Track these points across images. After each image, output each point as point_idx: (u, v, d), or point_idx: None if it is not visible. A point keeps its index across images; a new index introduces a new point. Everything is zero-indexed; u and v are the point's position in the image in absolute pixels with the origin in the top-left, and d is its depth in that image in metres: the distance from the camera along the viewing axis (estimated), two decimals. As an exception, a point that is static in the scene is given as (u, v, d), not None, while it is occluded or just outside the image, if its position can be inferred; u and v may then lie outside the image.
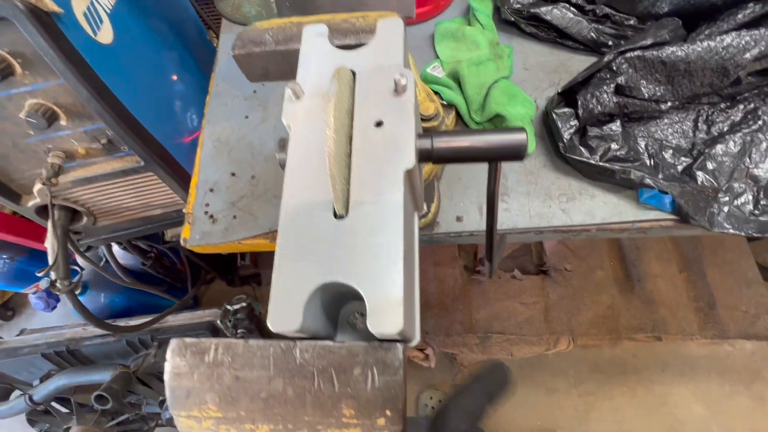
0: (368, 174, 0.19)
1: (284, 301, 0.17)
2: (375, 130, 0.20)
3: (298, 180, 0.19)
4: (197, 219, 0.58)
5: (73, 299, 0.74)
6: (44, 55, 0.51)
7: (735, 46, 0.48)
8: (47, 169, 0.62)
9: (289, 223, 0.19)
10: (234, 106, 0.66)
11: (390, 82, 0.20)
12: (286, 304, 0.17)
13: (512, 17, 0.62)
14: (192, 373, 0.19)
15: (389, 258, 0.17)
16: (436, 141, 0.20)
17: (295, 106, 0.21)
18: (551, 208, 0.53)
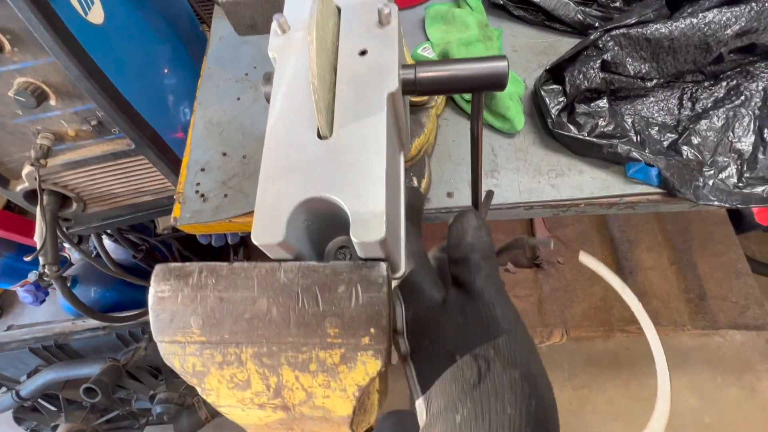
0: (352, 98, 0.19)
1: (267, 214, 0.17)
2: (359, 58, 0.20)
3: (283, 108, 0.20)
4: (188, 198, 0.58)
5: (62, 286, 0.73)
6: (34, 31, 0.50)
7: (716, 22, 0.50)
8: (36, 150, 0.62)
9: (273, 145, 0.19)
10: (225, 88, 0.66)
11: (374, 13, 0.21)
12: (270, 218, 0.17)
13: (501, 0, 0.63)
14: (176, 296, 0.19)
15: (372, 173, 0.18)
16: (419, 71, 0.20)
17: (281, 39, 0.21)
18: (540, 183, 0.54)
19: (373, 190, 0.17)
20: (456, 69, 0.20)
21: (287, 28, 0.21)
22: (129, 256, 1.21)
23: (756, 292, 1.33)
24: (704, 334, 1.33)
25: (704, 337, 1.37)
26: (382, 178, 0.17)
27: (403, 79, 0.20)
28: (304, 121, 0.19)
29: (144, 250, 1.15)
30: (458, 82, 0.20)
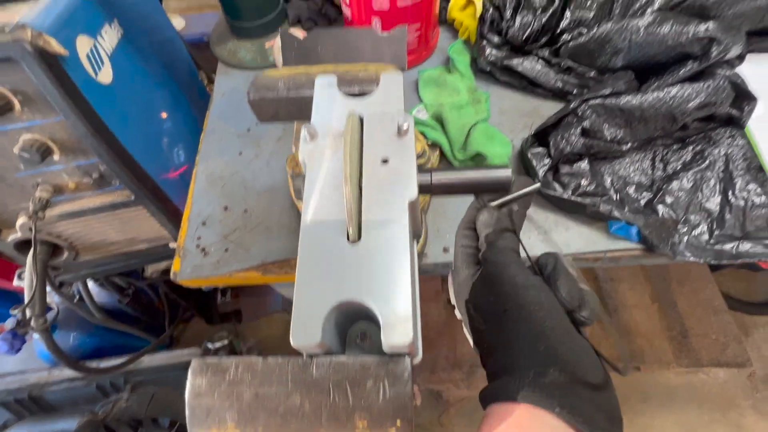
0: (377, 204, 0.21)
1: (305, 318, 0.19)
2: (381, 166, 0.23)
3: (315, 209, 0.22)
4: (188, 252, 0.59)
5: (47, 338, 0.71)
6: (47, 94, 0.52)
7: (680, 96, 0.56)
8: (35, 203, 0.62)
9: (307, 247, 0.21)
10: (228, 142, 0.69)
11: (393, 126, 0.24)
12: (307, 322, 0.19)
13: (488, 67, 0.69)
14: (213, 392, 0.20)
15: (398, 277, 0.20)
16: (434, 176, 0.23)
17: (310, 145, 0.24)
18: (530, 239, 0.57)
19: (401, 295, 0.19)
20: (467, 176, 0.23)
21: (315, 136, 0.24)
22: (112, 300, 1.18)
23: (734, 328, 1.37)
24: (689, 371, 1.36)
25: (689, 374, 1.39)
26: (407, 282, 0.20)
27: (420, 184, 0.23)
28: (334, 226, 0.21)
29: (130, 294, 1.12)
30: (468, 187, 0.23)
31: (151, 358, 1.05)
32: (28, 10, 0.54)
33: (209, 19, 1.25)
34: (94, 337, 1.17)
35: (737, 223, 0.55)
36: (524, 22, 0.66)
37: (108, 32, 0.66)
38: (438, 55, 0.76)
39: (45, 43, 0.51)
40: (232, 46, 0.78)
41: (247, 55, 0.76)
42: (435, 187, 0.23)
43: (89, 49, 0.60)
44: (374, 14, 0.64)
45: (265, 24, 0.76)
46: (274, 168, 0.65)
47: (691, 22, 0.57)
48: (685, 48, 0.57)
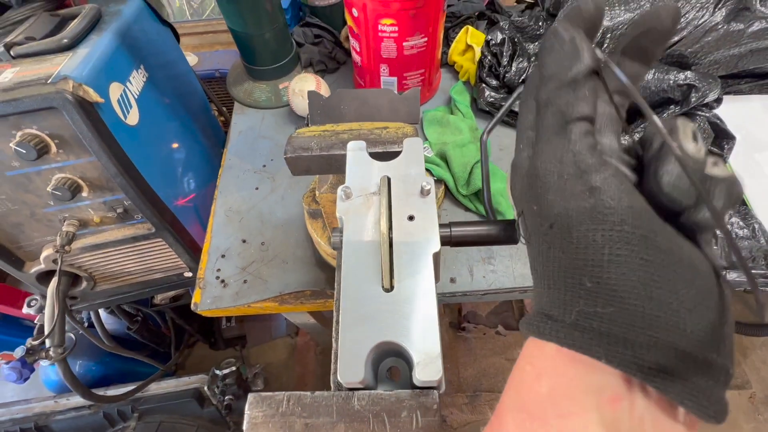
0: (406, 257, 0.25)
1: (350, 358, 0.23)
2: (408, 222, 0.27)
3: (353, 261, 0.26)
4: (208, 284, 0.62)
5: (64, 369, 0.72)
6: (83, 138, 0.57)
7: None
8: (62, 237, 0.65)
9: (347, 295, 0.24)
10: (245, 178, 0.73)
11: (417, 187, 0.28)
12: (352, 361, 0.23)
13: (487, 108, 0.75)
14: (267, 422, 0.23)
15: (428, 321, 0.23)
16: (453, 231, 0.27)
17: (346, 204, 0.28)
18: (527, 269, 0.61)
19: (431, 337, 0.23)
20: (481, 230, 0.27)
21: (351, 195, 0.28)
22: (120, 326, 1.20)
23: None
24: (689, 394, 1.37)
25: (690, 397, 1.40)
26: (436, 324, 0.23)
27: (442, 236, 0.27)
28: (370, 276, 0.25)
29: (139, 320, 1.14)
30: (482, 239, 0.27)
31: (158, 385, 1.06)
32: (68, 61, 0.59)
33: (220, 56, 1.33)
34: (100, 364, 1.18)
35: (723, 253, 0.59)
36: (520, 67, 0.72)
37: (135, 77, 0.71)
38: (440, 95, 0.82)
39: (84, 93, 0.56)
40: (248, 87, 0.83)
41: (262, 95, 0.82)
42: (454, 240, 0.27)
43: (120, 95, 0.65)
44: (382, 61, 0.70)
45: (279, 67, 0.81)
46: (288, 203, 0.69)
47: (672, 71, 0.63)
48: (668, 93, 0.63)
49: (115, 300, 0.85)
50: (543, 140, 0.19)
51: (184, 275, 0.83)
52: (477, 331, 1.44)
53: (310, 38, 0.85)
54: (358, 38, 0.69)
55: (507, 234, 0.26)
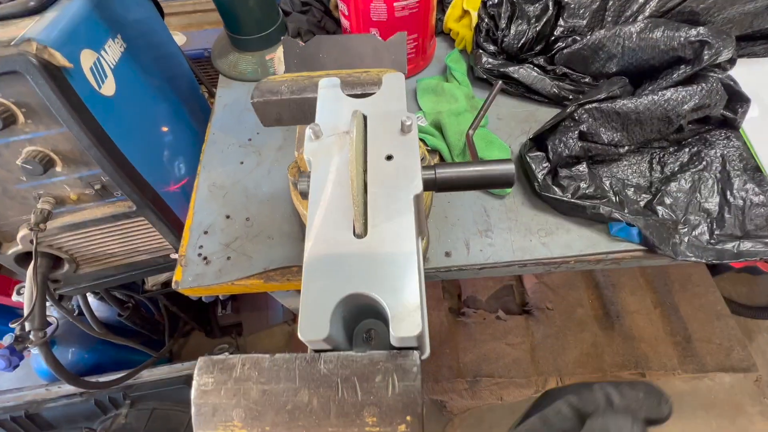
0: (383, 199, 0.22)
1: (313, 311, 0.19)
2: (386, 163, 0.23)
3: (321, 206, 0.22)
4: (190, 261, 0.58)
5: (45, 352, 0.70)
6: (51, 105, 0.53)
7: (675, 99, 0.57)
8: (36, 214, 0.62)
9: (314, 243, 0.21)
10: (229, 153, 0.69)
11: (397, 123, 0.24)
12: (315, 315, 0.19)
13: (484, 75, 0.70)
14: (219, 389, 0.20)
15: (405, 270, 0.20)
16: (438, 172, 0.23)
17: (315, 144, 0.24)
18: (532, 242, 0.57)
19: (409, 286, 0.19)
20: (471, 171, 0.23)
21: (320, 135, 0.24)
22: (112, 314, 1.17)
23: (737, 333, 1.37)
24: (694, 377, 1.34)
25: (695, 380, 1.38)
26: (414, 274, 0.20)
27: (425, 179, 0.23)
28: (341, 222, 0.21)
29: (130, 307, 1.11)
30: (473, 182, 0.23)
31: (151, 372, 1.03)
32: (34, 24, 0.55)
33: (210, 35, 1.28)
34: (93, 352, 1.16)
35: (737, 222, 0.55)
36: (519, 31, 0.68)
37: (111, 46, 0.67)
38: (435, 64, 0.78)
39: (50, 56, 0.52)
40: (233, 59, 0.79)
41: (248, 67, 0.77)
42: (440, 182, 0.23)
43: (93, 63, 0.61)
44: (372, 25, 0.65)
45: (265, 37, 0.77)
46: (275, 176, 0.66)
47: (682, 27, 0.58)
48: (678, 52, 0.58)
49: (101, 284, 0.83)
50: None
51: (170, 257, 0.80)
52: (477, 315, 1.41)
53: (298, 6, 0.81)
54: (346, 0, 0.65)
55: (502, 173, 0.22)
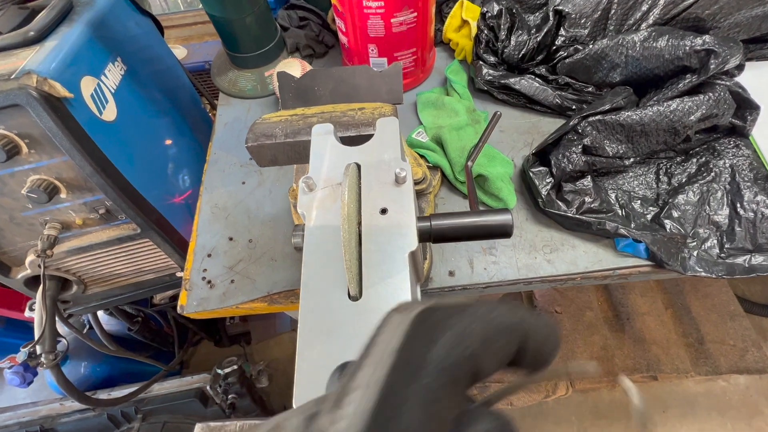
0: (377, 258, 0.21)
1: (308, 381, 0.19)
2: (381, 216, 0.23)
3: (315, 264, 0.22)
4: (194, 285, 0.59)
5: (57, 374, 0.71)
6: (53, 136, 0.53)
7: (680, 110, 0.55)
8: (43, 241, 0.63)
9: (308, 306, 0.21)
10: (231, 172, 0.70)
11: (391, 174, 0.24)
12: (310, 384, 0.19)
13: (485, 87, 0.70)
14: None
15: (401, 335, 0.20)
16: (434, 223, 0.23)
17: (309, 196, 0.24)
18: (537, 259, 0.56)
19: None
20: (466, 223, 0.23)
21: (314, 187, 0.24)
22: (122, 327, 1.19)
23: (752, 333, 1.34)
24: (708, 379, 1.32)
25: (708, 382, 1.36)
26: (410, 339, 0.19)
27: (420, 229, 0.23)
28: (335, 282, 0.21)
29: (140, 321, 1.12)
30: (468, 233, 0.23)
31: (161, 385, 1.05)
32: (34, 55, 0.56)
33: (211, 47, 1.29)
34: (104, 365, 1.18)
35: (748, 235, 0.54)
36: (519, 41, 0.67)
37: (112, 71, 0.67)
38: (435, 76, 0.77)
39: (50, 88, 0.52)
40: (233, 76, 0.79)
41: (248, 84, 0.77)
42: (435, 234, 0.23)
43: (93, 89, 0.62)
44: (370, 41, 0.65)
45: (264, 53, 0.77)
46: (276, 196, 0.66)
47: (687, 36, 0.57)
48: (683, 61, 0.57)
49: (110, 302, 0.84)
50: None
51: (176, 275, 0.81)
52: (485, 321, 1.40)
53: (296, 21, 0.80)
54: (342, 17, 0.64)
55: (499, 225, 0.22)
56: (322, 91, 0.36)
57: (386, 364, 0.12)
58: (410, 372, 0.11)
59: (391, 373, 0.11)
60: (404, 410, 0.11)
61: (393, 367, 0.11)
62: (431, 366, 0.11)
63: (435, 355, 0.12)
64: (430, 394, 0.11)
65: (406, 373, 0.11)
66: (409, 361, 0.12)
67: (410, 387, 0.11)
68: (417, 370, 0.11)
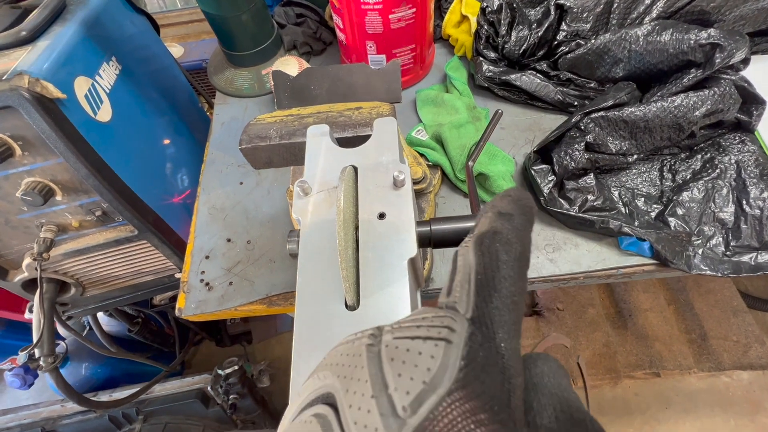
0: (375, 265, 0.21)
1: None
2: (379, 222, 0.22)
3: (311, 271, 0.21)
4: (192, 287, 0.58)
5: (56, 377, 0.70)
6: (46, 138, 0.53)
7: (685, 105, 0.54)
8: (39, 244, 0.62)
9: (303, 317, 0.20)
10: (228, 173, 0.69)
11: (389, 177, 0.23)
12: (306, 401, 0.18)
13: (485, 83, 0.68)
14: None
15: (400, 346, 0.19)
16: (434, 227, 0.22)
17: (304, 201, 0.23)
18: (539, 258, 0.56)
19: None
20: (468, 227, 0.22)
21: (309, 191, 0.23)
22: (122, 328, 1.18)
23: (755, 329, 1.33)
24: (711, 375, 1.32)
25: (711, 378, 1.35)
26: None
27: (419, 234, 0.22)
28: (332, 290, 0.20)
29: (140, 322, 1.12)
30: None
31: (163, 386, 1.04)
32: (27, 55, 0.55)
33: (207, 45, 1.27)
34: (106, 366, 1.18)
35: (754, 233, 0.53)
36: (520, 36, 0.65)
37: (106, 70, 0.66)
38: (435, 72, 0.76)
39: (42, 89, 0.51)
40: (230, 75, 0.78)
41: (245, 83, 0.76)
42: (435, 239, 0.22)
43: (87, 90, 0.61)
44: (368, 38, 0.64)
45: (260, 51, 0.76)
46: (275, 196, 0.65)
47: (692, 29, 0.56)
48: (688, 56, 0.56)
49: (109, 304, 0.83)
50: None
51: (175, 276, 0.80)
52: (486, 318, 1.39)
53: (293, 18, 0.79)
54: (340, 13, 0.63)
55: (500, 230, 0.21)
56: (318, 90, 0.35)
57: (472, 271, 0.15)
58: (492, 268, 0.15)
59: (479, 272, 0.15)
60: (500, 286, 0.15)
61: (478, 270, 0.15)
62: (503, 263, 0.15)
63: (502, 255, 0.15)
64: (513, 276, 0.15)
65: (489, 271, 0.15)
66: (486, 264, 0.15)
67: (497, 275, 0.15)
68: (494, 272, 0.15)
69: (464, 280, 0.15)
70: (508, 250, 0.16)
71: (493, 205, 0.18)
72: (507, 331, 0.14)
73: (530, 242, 0.18)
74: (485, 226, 0.17)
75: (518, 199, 0.19)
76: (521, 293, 0.15)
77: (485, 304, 0.14)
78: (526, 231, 0.17)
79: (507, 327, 0.14)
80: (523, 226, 0.17)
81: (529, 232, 0.18)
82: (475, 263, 0.15)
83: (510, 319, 0.14)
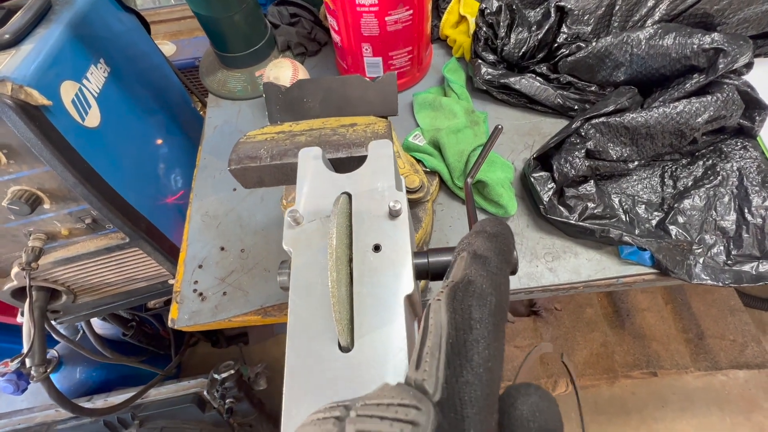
0: (370, 303, 0.19)
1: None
2: (374, 255, 0.21)
3: (302, 309, 0.20)
4: (185, 298, 0.57)
5: (48, 386, 0.69)
6: (32, 146, 0.51)
7: (687, 111, 0.53)
8: (27, 253, 0.61)
9: (294, 359, 0.19)
10: (221, 178, 0.67)
11: (384, 206, 0.22)
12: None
13: (484, 86, 0.67)
14: None
15: (397, 392, 0.18)
16: (431, 260, 0.21)
17: (295, 231, 0.22)
18: (538, 267, 0.55)
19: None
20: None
21: (301, 220, 0.22)
22: (116, 331, 1.17)
23: (752, 329, 1.34)
24: (707, 374, 1.32)
25: (708, 377, 1.36)
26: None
27: (416, 266, 0.21)
28: (324, 331, 0.19)
29: (134, 326, 1.11)
30: (470, 270, 0.21)
31: (158, 390, 1.03)
32: (10, 60, 0.53)
33: (200, 43, 1.25)
34: (100, 370, 1.16)
35: (755, 242, 0.52)
36: (519, 39, 0.64)
37: (94, 73, 0.64)
38: (432, 74, 0.74)
39: (26, 96, 0.50)
40: (222, 76, 0.76)
41: (238, 85, 0.75)
42: (433, 270, 0.21)
43: (74, 94, 0.59)
44: (364, 40, 0.62)
45: (253, 53, 0.74)
46: (269, 204, 0.64)
47: (695, 33, 0.54)
48: (690, 60, 0.55)
49: (101, 311, 0.82)
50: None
51: (169, 282, 0.79)
52: (484, 318, 1.39)
53: (286, 18, 0.77)
54: (334, 15, 0.61)
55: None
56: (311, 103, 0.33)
57: (444, 333, 0.15)
58: (464, 330, 0.15)
59: (450, 335, 0.14)
60: (472, 354, 0.14)
61: (449, 332, 0.14)
62: (476, 322, 0.15)
63: (475, 312, 0.15)
64: (487, 337, 0.15)
65: (460, 333, 0.14)
66: (459, 324, 0.15)
67: (469, 338, 0.14)
68: (467, 334, 0.14)
69: (435, 347, 0.14)
70: (482, 305, 0.15)
71: (470, 243, 0.18)
72: (478, 409, 0.13)
73: (508, 286, 0.17)
74: (459, 274, 0.16)
75: (495, 236, 0.18)
76: (496, 357, 0.15)
77: (455, 380, 0.13)
78: (503, 274, 0.17)
79: (479, 404, 0.13)
80: (499, 269, 0.17)
81: (506, 275, 0.18)
82: (447, 324, 0.15)
83: (482, 394, 0.13)
